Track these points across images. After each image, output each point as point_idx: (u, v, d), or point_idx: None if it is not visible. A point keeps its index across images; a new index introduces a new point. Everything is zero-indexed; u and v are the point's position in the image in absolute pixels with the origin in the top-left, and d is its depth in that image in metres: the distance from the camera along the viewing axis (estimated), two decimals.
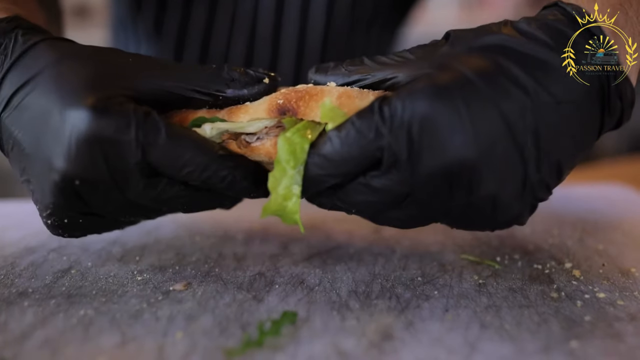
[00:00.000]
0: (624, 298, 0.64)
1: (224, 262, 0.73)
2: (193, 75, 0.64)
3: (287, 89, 0.65)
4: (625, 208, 0.93)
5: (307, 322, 0.59)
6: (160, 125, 0.57)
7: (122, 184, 0.59)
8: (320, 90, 0.63)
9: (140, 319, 0.60)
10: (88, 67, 0.60)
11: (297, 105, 0.63)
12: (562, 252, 0.76)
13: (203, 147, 0.60)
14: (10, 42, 0.62)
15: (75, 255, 0.75)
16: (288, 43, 1.19)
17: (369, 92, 0.62)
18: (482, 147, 0.55)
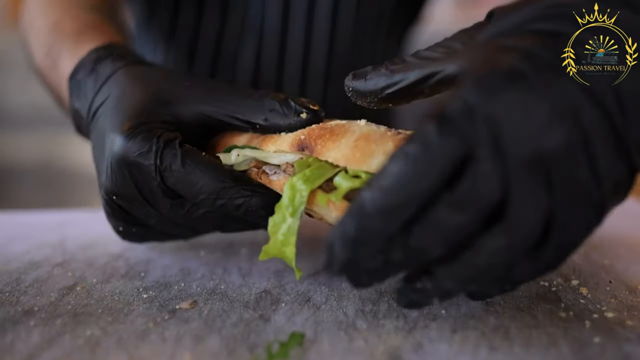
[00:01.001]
0: (633, 318, 0.64)
1: (229, 279, 0.73)
2: (235, 103, 0.67)
3: (318, 125, 0.65)
4: (629, 220, 0.92)
5: (314, 343, 0.59)
6: (177, 153, 0.62)
7: (152, 203, 0.65)
8: (343, 129, 0.62)
9: (147, 339, 0.59)
10: (141, 94, 0.67)
11: (315, 143, 0.63)
12: (569, 268, 0.76)
13: (217, 175, 0.63)
14: (103, 67, 0.72)
15: (79, 271, 0.74)
16: (294, 49, 1.19)
17: (390, 137, 0.60)
18: (568, 122, 0.48)
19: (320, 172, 0.62)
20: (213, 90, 0.69)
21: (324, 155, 0.62)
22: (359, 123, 0.63)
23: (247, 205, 0.64)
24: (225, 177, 0.63)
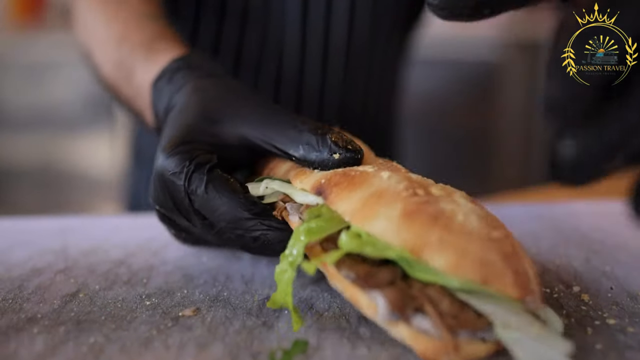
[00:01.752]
0: (634, 324, 0.64)
1: (232, 285, 0.73)
2: (276, 130, 0.67)
3: (343, 170, 0.64)
4: (628, 225, 0.93)
5: (318, 350, 0.59)
6: (203, 178, 0.64)
7: (188, 219, 0.67)
8: (362, 180, 0.61)
9: (150, 346, 0.60)
10: (194, 110, 0.69)
11: (331, 190, 0.62)
12: (570, 274, 0.76)
13: (236, 205, 0.64)
14: (178, 77, 0.75)
15: (82, 278, 0.75)
16: (313, 56, 1.20)
17: (403, 198, 0.57)
18: None
19: (325, 225, 0.60)
20: (259, 113, 0.69)
21: (335, 205, 0.61)
22: (383, 175, 0.61)
23: (264, 240, 0.65)
24: (245, 208, 0.65)
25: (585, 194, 1.23)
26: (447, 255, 0.52)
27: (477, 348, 0.53)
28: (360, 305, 0.57)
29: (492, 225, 0.55)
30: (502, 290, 0.51)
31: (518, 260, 0.54)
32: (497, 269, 0.51)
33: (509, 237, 0.56)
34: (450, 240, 0.53)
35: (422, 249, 0.53)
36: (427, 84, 3.06)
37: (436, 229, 0.53)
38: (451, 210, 0.55)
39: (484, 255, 0.52)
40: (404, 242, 0.54)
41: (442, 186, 0.61)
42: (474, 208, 0.57)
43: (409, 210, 0.55)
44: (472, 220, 0.55)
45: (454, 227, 0.53)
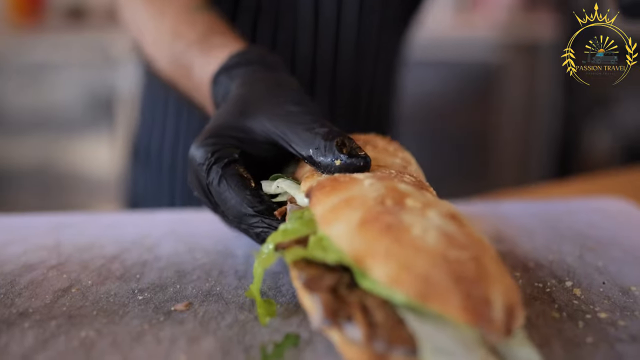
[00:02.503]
0: (625, 318, 0.64)
1: (225, 281, 0.73)
2: (294, 131, 0.69)
3: (335, 176, 0.64)
4: (623, 222, 0.93)
5: (309, 344, 0.59)
6: (218, 172, 0.68)
7: (211, 204, 0.71)
8: (345, 186, 0.61)
9: (141, 341, 0.60)
10: (230, 106, 0.73)
11: (314, 194, 0.63)
12: (563, 269, 0.76)
13: (242, 201, 0.68)
14: (236, 71, 0.78)
15: (75, 273, 0.75)
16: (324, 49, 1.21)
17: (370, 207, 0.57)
18: None
19: (300, 228, 0.61)
20: (286, 110, 0.71)
21: (314, 208, 0.62)
22: (365, 183, 0.61)
23: (265, 236, 0.66)
24: (250, 204, 0.67)
25: (578, 190, 1.23)
26: (389, 266, 0.51)
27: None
28: (305, 306, 0.57)
29: (456, 245, 0.53)
30: (443, 311, 0.49)
31: (480, 285, 0.50)
32: (441, 289, 0.49)
33: (477, 260, 0.53)
34: (397, 252, 0.51)
35: (367, 257, 0.52)
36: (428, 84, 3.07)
37: (385, 240, 0.52)
38: (410, 223, 0.54)
39: (428, 273, 0.50)
40: (353, 249, 0.54)
41: (426, 200, 0.60)
42: (444, 225, 0.55)
43: (367, 218, 0.55)
44: (430, 236, 0.53)
45: (404, 240, 0.52)
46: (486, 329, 0.49)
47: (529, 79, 3.20)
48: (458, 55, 3.11)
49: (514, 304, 0.52)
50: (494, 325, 0.49)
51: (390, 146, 0.77)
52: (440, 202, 0.62)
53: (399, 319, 0.53)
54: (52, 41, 3.11)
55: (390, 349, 0.51)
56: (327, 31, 1.19)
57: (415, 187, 0.63)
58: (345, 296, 0.55)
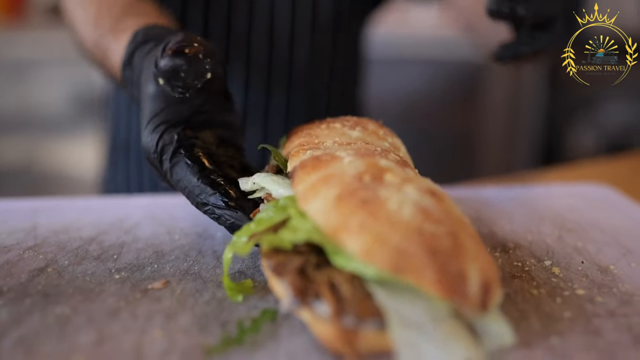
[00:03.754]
0: (603, 295, 0.64)
1: (204, 260, 0.73)
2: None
3: (317, 154, 0.64)
4: (603, 206, 0.93)
5: (287, 319, 0.59)
6: (167, 163, 0.69)
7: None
8: (326, 163, 0.61)
9: (117, 317, 0.59)
10: (151, 95, 0.71)
11: (297, 173, 0.63)
12: (542, 249, 0.76)
13: (192, 190, 0.68)
14: (135, 63, 0.76)
15: (51, 254, 0.74)
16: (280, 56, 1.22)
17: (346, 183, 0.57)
18: None
19: (275, 216, 0.61)
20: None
21: (296, 187, 0.61)
22: (345, 160, 0.61)
23: (222, 222, 0.68)
24: (200, 191, 0.68)
25: (560, 178, 1.24)
26: (363, 240, 0.51)
27: (384, 339, 0.51)
28: (276, 292, 0.58)
29: (432, 220, 0.53)
30: (417, 284, 0.49)
31: (455, 259, 0.51)
32: (415, 262, 0.49)
33: (454, 235, 0.53)
34: (371, 226, 0.51)
35: (342, 232, 0.52)
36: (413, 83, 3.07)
37: (360, 214, 0.52)
38: (386, 197, 0.54)
39: (403, 246, 0.50)
40: (328, 224, 0.54)
41: (406, 175, 0.60)
42: (421, 200, 0.55)
43: (343, 194, 0.55)
44: (406, 210, 0.53)
45: (379, 214, 0.52)
46: (460, 303, 0.49)
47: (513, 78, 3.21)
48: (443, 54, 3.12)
49: (490, 280, 0.52)
50: (469, 299, 0.49)
51: (381, 130, 0.77)
52: (420, 178, 0.62)
53: (367, 293, 0.53)
54: (35, 38, 3.07)
55: (359, 323, 0.51)
56: (281, 31, 1.20)
57: (397, 163, 0.63)
58: (313, 276, 0.55)
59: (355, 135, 0.72)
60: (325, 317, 0.52)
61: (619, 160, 1.47)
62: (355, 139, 0.71)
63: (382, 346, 0.51)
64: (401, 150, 0.75)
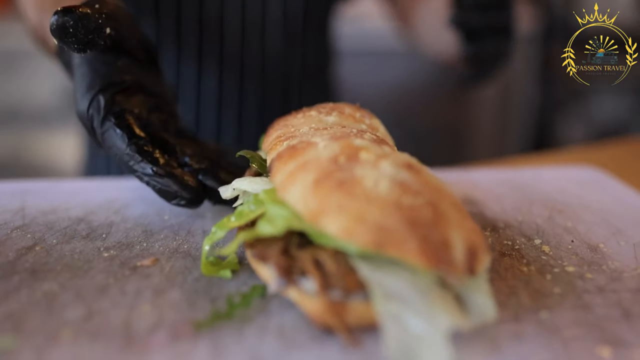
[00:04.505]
0: (593, 272, 0.64)
1: (193, 239, 0.72)
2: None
3: (294, 144, 0.64)
4: (594, 188, 0.93)
5: (277, 295, 0.58)
6: (99, 132, 0.70)
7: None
8: (302, 151, 0.61)
9: (106, 293, 0.59)
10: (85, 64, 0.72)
11: (274, 164, 0.63)
12: (532, 229, 0.76)
13: (122, 158, 0.70)
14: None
15: (39, 233, 0.73)
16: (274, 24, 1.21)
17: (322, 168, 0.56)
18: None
19: (255, 210, 0.61)
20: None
21: (274, 179, 0.61)
22: (320, 145, 0.61)
23: (154, 189, 0.70)
24: (128, 159, 0.69)
25: (550, 162, 1.24)
26: (342, 220, 0.51)
27: (372, 312, 0.51)
28: (264, 279, 0.58)
29: (410, 192, 0.53)
30: (401, 256, 0.49)
31: (437, 228, 0.50)
32: (396, 235, 0.49)
33: (433, 205, 0.52)
34: (349, 205, 0.51)
35: (321, 215, 0.52)
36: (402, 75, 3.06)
37: (338, 195, 0.52)
38: (362, 176, 0.54)
39: (381, 221, 0.50)
40: (308, 210, 0.53)
41: (382, 152, 0.59)
42: (397, 174, 0.55)
43: (319, 178, 0.55)
44: (382, 186, 0.53)
45: (356, 193, 0.52)
46: (447, 271, 0.49)
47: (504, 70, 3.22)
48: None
49: (475, 245, 0.52)
50: (455, 266, 0.49)
51: (357, 113, 0.76)
52: (397, 153, 0.62)
53: (352, 267, 0.53)
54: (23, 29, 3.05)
55: (346, 296, 0.51)
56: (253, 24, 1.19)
57: (373, 142, 0.63)
58: (296, 255, 0.56)
59: (331, 120, 0.72)
60: (312, 292, 0.52)
61: (608, 146, 1.47)
62: (331, 124, 0.71)
63: (371, 319, 0.51)
64: (379, 131, 0.75)
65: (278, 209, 0.57)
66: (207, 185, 0.74)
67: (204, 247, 0.61)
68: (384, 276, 0.50)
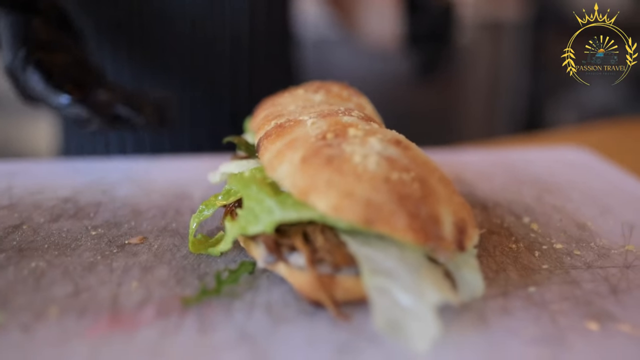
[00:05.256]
0: (581, 248, 0.64)
1: (181, 219, 0.72)
2: None
3: (282, 123, 0.63)
4: (582, 169, 0.93)
5: (265, 271, 0.58)
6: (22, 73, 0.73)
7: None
8: (289, 129, 0.60)
9: (94, 270, 0.58)
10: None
11: (262, 143, 0.62)
12: (521, 208, 0.76)
13: (40, 95, 0.72)
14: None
15: (26, 212, 0.72)
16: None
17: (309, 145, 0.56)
18: None
19: (237, 191, 0.61)
20: None
21: (262, 157, 0.61)
22: (307, 123, 0.60)
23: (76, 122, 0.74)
24: (46, 96, 0.72)
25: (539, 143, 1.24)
26: (331, 196, 0.50)
27: (361, 286, 0.51)
28: (252, 255, 0.58)
29: (398, 168, 0.53)
30: (390, 232, 0.49)
31: (426, 204, 0.50)
32: (384, 211, 0.49)
33: (422, 180, 0.52)
34: (337, 182, 0.51)
35: (310, 192, 0.51)
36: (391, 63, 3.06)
37: (326, 172, 0.52)
38: (351, 152, 0.53)
39: (371, 197, 0.50)
40: (297, 187, 0.53)
41: (370, 128, 0.59)
42: (385, 150, 0.55)
43: (307, 154, 0.54)
44: (370, 161, 0.52)
45: (345, 169, 0.52)
46: (436, 246, 0.49)
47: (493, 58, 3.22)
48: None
49: (464, 221, 0.52)
50: (445, 241, 0.49)
51: (345, 91, 0.76)
52: (385, 130, 0.61)
53: (341, 242, 0.53)
54: None
55: (335, 270, 0.51)
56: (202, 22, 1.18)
57: (361, 119, 0.62)
58: (286, 230, 0.55)
59: (318, 99, 0.72)
60: (301, 267, 0.52)
61: (597, 128, 1.48)
62: (319, 103, 0.71)
63: (360, 293, 0.51)
64: (367, 109, 0.75)
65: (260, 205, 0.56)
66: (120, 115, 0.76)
67: (192, 225, 0.61)
68: (373, 251, 0.50)
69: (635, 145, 1.30)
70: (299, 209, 0.52)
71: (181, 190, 0.81)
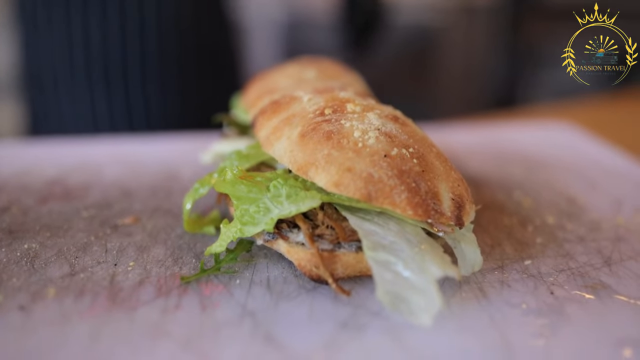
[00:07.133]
0: (573, 222, 0.65)
1: (173, 199, 0.71)
2: None
3: (277, 99, 0.63)
4: (569, 144, 0.94)
5: (263, 249, 0.58)
6: None
7: None
8: (286, 105, 0.60)
9: (89, 250, 0.58)
10: None
11: (258, 119, 0.62)
12: (511, 183, 0.77)
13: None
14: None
15: (14, 195, 0.71)
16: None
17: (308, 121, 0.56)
18: None
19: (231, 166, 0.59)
20: None
21: (258, 134, 0.60)
22: (304, 99, 0.60)
23: None
24: None
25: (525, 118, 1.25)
26: (331, 171, 0.50)
27: (363, 262, 0.51)
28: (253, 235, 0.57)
29: (397, 144, 0.53)
30: (391, 207, 0.49)
31: (425, 179, 0.51)
32: (385, 186, 0.49)
33: (421, 156, 0.53)
34: (337, 157, 0.51)
35: (310, 167, 0.51)
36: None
37: (326, 147, 0.52)
38: (349, 127, 0.53)
39: (370, 172, 0.50)
40: (296, 163, 0.53)
41: (368, 103, 0.59)
42: (384, 126, 0.55)
43: (306, 130, 0.54)
44: (369, 137, 0.52)
45: (344, 144, 0.51)
46: (437, 222, 0.49)
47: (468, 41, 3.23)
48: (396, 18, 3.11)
49: (462, 197, 0.52)
50: (444, 217, 0.50)
51: (336, 67, 0.76)
52: (381, 105, 0.61)
53: (341, 217, 0.53)
54: None
55: (335, 246, 0.51)
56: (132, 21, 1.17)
57: (357, 95, 0.63)
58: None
59: (310, 75, 0.71)
60: (301, 242, 0.52)
61: (572, 104, 1.50)
62: (312, 79, 0.70)
63: (361, 269, 0.51)
64: (360, 85, 0.75)
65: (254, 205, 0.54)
66: None
67: (186, 204, 0.60)
68: (373, 226, 0.50)
69: (610, 118, 1.33)
70: (296, 201, 0.51)
71: (169, 170, 0.81)
